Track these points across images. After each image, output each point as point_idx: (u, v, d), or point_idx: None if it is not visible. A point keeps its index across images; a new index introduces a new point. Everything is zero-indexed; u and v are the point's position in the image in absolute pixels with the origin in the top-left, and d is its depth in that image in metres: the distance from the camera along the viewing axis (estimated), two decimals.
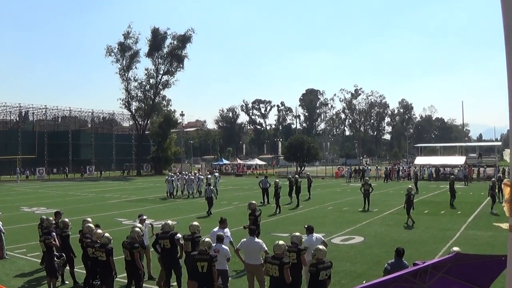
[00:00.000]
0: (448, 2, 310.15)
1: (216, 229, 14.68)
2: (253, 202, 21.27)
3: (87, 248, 13.61)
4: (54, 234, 15.18)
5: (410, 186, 30.78)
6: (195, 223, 14.27)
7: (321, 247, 11.29)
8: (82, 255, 14.26)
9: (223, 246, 12.81)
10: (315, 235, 13.70)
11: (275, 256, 11.01)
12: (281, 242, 11.37)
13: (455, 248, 10.82)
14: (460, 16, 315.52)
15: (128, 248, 12.86)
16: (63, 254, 15.21)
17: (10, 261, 18.76)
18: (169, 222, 14.42)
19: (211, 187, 35.26)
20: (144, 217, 16.98)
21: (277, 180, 36.86)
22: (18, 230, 24.25)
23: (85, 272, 14.37)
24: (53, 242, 14.64)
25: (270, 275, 11.08)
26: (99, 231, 13.82)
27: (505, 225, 23.55)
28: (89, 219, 15.81)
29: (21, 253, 19.92)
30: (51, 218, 16.88)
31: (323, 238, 13.97)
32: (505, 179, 2.87)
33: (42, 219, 17.34)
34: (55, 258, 14.56)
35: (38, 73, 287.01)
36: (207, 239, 12.03)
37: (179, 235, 13.88)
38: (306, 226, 14.12)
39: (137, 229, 13.47)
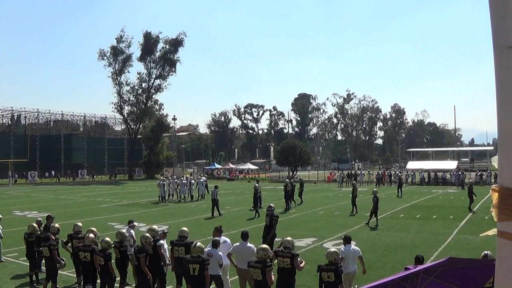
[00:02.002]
0: (441, 8, 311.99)
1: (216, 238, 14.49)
2: (271, 204, 21.63)
3: (79, 252, 13.60)
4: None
5: (375, 189, 31.40)
6: (185, 228, 14.22)
7: (333, 249, 11.43)
8: (73, 259, 14.24)
9: (216, 251, 12.79)
10: (352, 246, 13.54)
11: (258, 260, 11.07)
12: (264, 245, 11.47)
13: (487, 252, 10.93)
14: (452, 22, 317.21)
15: (134, 254, 12.89)
16: (64, 258, 15.23)
17: (2, 265, 18.74)
18: (154, 227, 14.36)
19: (216, 190, 35.59)
20: (135, 223, 17.00)
21: (256, 185, 37.01)
22: (10, 234, 24.20)
23: (75, 276, 14.39)
24: (55, 253, 14.54)
25: (254, 279, 11.16)
26: (91, 235, 13.82)
27: (492, 231, 23.62)
28: (80, 224, 15.84)
29: (13, 257, 19.87)
30: (35, 225, 16.86)
31: (360, 253, 13.66)
32: (493, 185, 2.88)
33: (39, 222, 17.41)
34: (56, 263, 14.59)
35: (30, 76, 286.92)
36: (198, 244, 12.01)
37: (161, 241, 13.78)
38: (343, 236, 13.99)
39: (147, 234, 13.44)
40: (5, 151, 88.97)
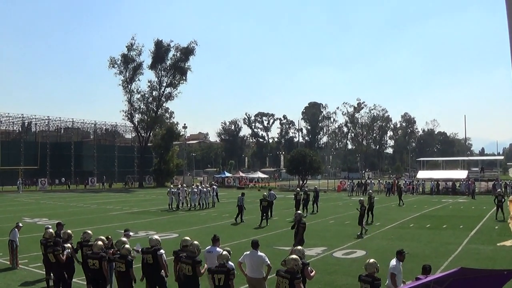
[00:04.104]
0: (451, 17, 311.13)
1: (209, 247, 14.06)
2: (299, 212, 22.20)
3: (88, 260, 13.62)
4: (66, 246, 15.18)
5: (361, 199, 31.65)
6: (187, 238, 14.13)
7: (371, 260, 11.35)
8: (83, 267, 14.25)
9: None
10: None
11: (288, 270, 10.82)
12: (294, 256, 11.30)
13: None
14: (463, 30, 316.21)
15: (189, 263, 12.62)
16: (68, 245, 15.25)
17: (12, 272, 18.81)
18: (155, 237, 14.28)
19: (243, 197, 36.53)
20: (131, 233, 17.10)
21: (265, 194, 36.93)
22: (20, 240, 24.28)
23: (85, 283, 14.42)
24: (61, 256, 14.59)
25: None
26: (100, 242, 13.84)
27: (510, 242, 23.53)
28: (90, 232, 15.87)
29: (23, 263, 19.90)
30: (51, 231, 16.90)
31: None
32: (511, 196, 2.87)
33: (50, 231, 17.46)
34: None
35: (41, 84, 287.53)
36: (224, 252, 11.97)
37: (162, 251, 13.62)
38: (401, 250, 13.29)
39: (196, 242, 13.27)
40: (15, 158, 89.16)
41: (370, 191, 44.87)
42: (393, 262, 12.83)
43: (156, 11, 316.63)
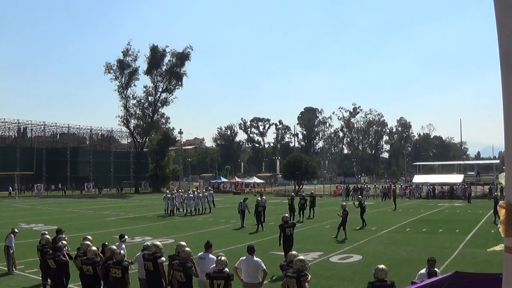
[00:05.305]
0: (446, 21, 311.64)
1: (201, 253, 13.97)
2: (286, 215, 22.34)
3: (82, 266, 13.57)
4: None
5: (344, 203, 32.27)
6: (183, 242, 14.12)
7: (382, 266, 11.24)
8: (80, 272, 14.21)
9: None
10: (436, 270, 12.71)
11: (294, 271, 11.09)
12: (300, 257, 11.49)
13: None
14: (458, 35, 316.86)
15: (181, 270, 12.57)
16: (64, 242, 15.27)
17: (8, 277, 18.74)
18: (157, 243, 14.22)
19: (245, 202, 36.96)
20: (126, 237, 17.09)
21: (259, 199, 36.89)
22: (16, 246, 24.23)
23: None
24: (63, 258, 14.59)
25: None
26: (94, 248, 13.80)
27: (499, 247, 23.48)
28: (89, 237, 15.83)
29: (19, 269, 19.84)
30: (47, 237, 16.85)
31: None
32: (500, 201, 2.87)
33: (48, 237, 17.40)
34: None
35: (37, 89, 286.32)
36: (223, 258, 11.97)
37: (163, 258, 13.50)
38: (429, 258, 13.20)
39: (187, 249, 13.19)
40: (11, 164, 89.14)
41: (360, 196, 45.08)
42: (423, 270, 12.73)
43: (151, 16, 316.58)
